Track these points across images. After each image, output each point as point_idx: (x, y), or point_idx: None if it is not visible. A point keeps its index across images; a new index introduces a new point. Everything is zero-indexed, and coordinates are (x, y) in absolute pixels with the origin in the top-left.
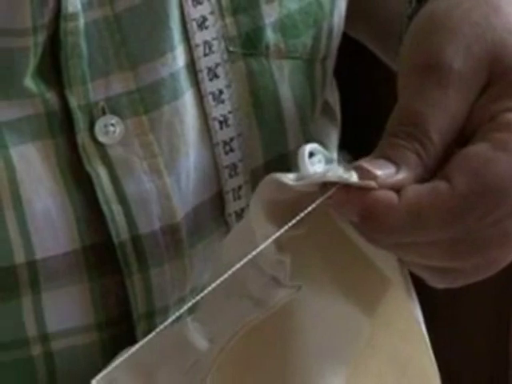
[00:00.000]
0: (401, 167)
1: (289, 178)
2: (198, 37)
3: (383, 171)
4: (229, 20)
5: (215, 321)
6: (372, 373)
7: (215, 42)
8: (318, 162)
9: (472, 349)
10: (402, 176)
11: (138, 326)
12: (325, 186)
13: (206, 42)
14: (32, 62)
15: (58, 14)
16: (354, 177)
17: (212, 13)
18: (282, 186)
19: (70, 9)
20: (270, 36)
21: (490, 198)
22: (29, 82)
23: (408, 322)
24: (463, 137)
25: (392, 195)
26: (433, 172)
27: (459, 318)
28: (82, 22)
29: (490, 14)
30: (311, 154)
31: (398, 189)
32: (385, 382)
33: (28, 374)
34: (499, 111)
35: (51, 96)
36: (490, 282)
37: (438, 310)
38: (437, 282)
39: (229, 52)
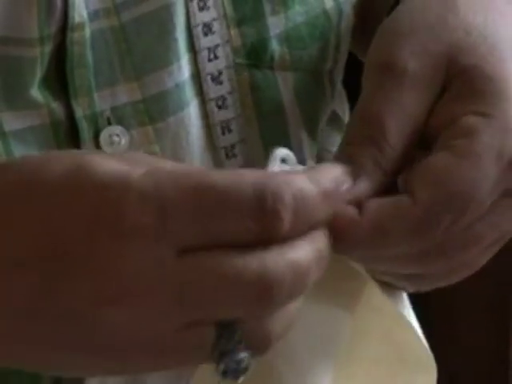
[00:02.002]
0: (358, 177)
1: None
2: (203, 42)
3: (340, 186)
4: (234, 31)
5: None
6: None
7: (220, 49)
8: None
9: (472, 349)
10: (360, 187)
11: None
12: None
13: (210, 48)
14: (39, 72)
15: (64, 24)
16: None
17: (217, 19)
18: None
19: (77, 19)
20: (276, 48)
21: (455, 206)
22: (35, 92)
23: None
24: (425, 139)
25: (353, 211)
26: (393, 174)
27: (459, 318)
28: (88, 31)
29: (446, 15)
30: (283, 160)
31: (359, 201)
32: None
33: (33, 380)
34: (459, 114)
35: (57, 106)
36: (489, 281)
37: (438, 309)
38: (406, 287)
39: (233, 63)
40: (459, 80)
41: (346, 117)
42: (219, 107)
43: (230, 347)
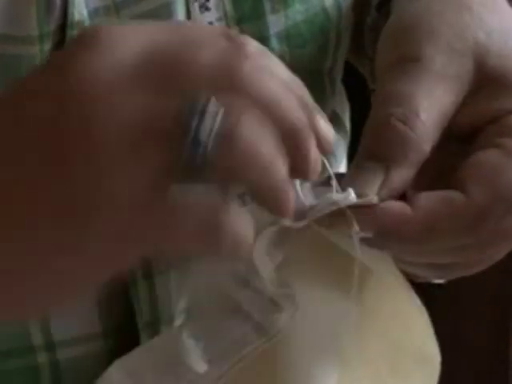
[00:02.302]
0: (390, 167)
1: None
2: None
3: (374, 182)
4: (234, 29)
5: (212, 340)
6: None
7: None
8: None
9: (472, 349)
10: (395, 178)
11: (143, 335)
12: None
13: None
14: None
15: (64, 21)
16: (352, 195)
17: (219, 19)
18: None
19: (77, 16)
20: (275, 46)
21: (507, 205)
22: None
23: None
24: (460, 133)
25: (404, 208)
26: (427, 153)
27: (459, 318)
28: None
29: (464, 15)
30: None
31: (402, 191)
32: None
33: (33, 382)
34: (501, 113)
35: None
36: (490, 281)
37: (438, 310)
38: (433, 277)
39: None
40: (492, 79)
41: (345, 116)
42: None
43: (194, 106)
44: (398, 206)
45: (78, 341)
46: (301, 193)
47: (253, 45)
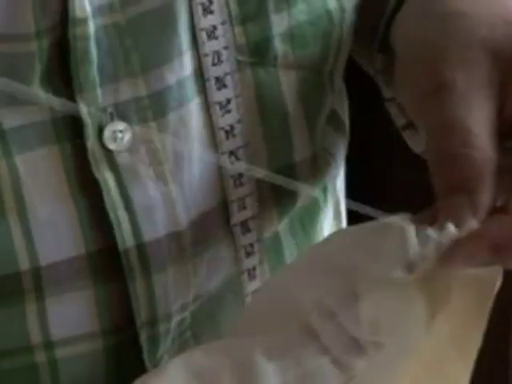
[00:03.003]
0: (473, 193)
1: (403, 273)
2: (208, 46)
3: (465, 214)
4: (237, 29)
5: (286, 364)
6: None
7: (224, 52)
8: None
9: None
10: (482, 201)
11: (142, 333)
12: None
13: (215, 52)
14: (38, 68)
15: (65, 18)
16: (453, 230)
17: (223, 23)
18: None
19: (79, 13)
20: (279, 46)
21: None
22: (36, 88)
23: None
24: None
25: (502, 217)
26: (495, 162)
27: None
28: (91, 27)
29: (462, 21)
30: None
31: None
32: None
33: (32, 382)
34: None
35: (60, 102)
36: None
37: None
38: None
39: (237, 61)
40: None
41: (345, 115)
42: (222, 110)
43: None
44: (495, 217)
45: (77, 340)
46: (413, 243)
47: None
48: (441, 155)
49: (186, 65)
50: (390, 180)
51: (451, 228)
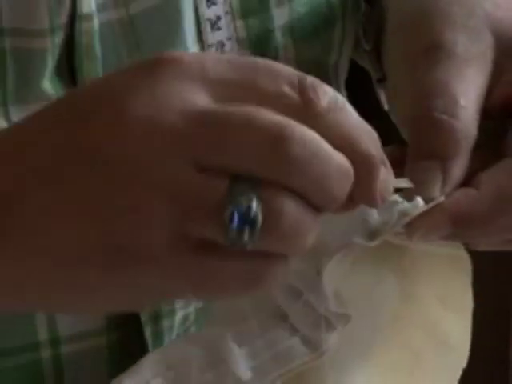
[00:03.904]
0: (447, 162)
1: (364, 240)
2: (212, 37)
3: (436, 182)
4: (239, 22)
5: (256, 347)
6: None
7: (228, 43)
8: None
9: (472, 349)
10: (454, 172)
11: (146, 329)
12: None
13: (218, 42)
14: (50, 63)
15: (73, 14)
16: (421, 203)
17: (226, 13)
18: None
19: (85, 9)
20: (280, 39)
21: None
22: (46, 84)
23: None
24: (493, 109)
25: (469, 191)
26: (475, 136)
27: None
28: (96, 23)
29: None
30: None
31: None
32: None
33: (36, 377)
34: None
35: None
36: (489, 281)
37: None
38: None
39: (239, 54)
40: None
41: None
42: None
43: (241, 194)
44: (461, 192)
45: (82, 336)
46: (373, 211)
47: (324, 99)
48: (422, 117)
49: None
50: None
51: (419, 199)
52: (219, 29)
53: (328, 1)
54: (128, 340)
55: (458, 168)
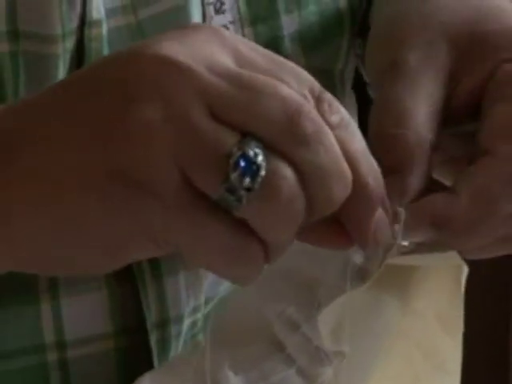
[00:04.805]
0: (403, 173)
1: (356, 283)
2: None
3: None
4: (247, 30)
5: (252, 377)
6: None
7: None
8: None
9: (472, 349)
10: (411, 182)
11: (152, 335)
12: None
13: None
14: (61, 69)
15: (83, 20)
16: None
17: (232, 22)
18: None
19: (95, 15)
20: (288, 47)
21: None
22: None
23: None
24: (466, 112)
25: (446, 194)
26: (428, 143)
27: None
28: (105, 28)
29: (426, 5)
30: None
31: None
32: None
33: (42, 381)
34: (494, 67)
35: None
36: (489, 281)
37: None
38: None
39: None
40: (474, 43)
41: (354, 117)
42: None
43: (249, 148)
44: (439, 195)
45: (89, 340)
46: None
47: (336, 116)
48: (375, 135)
49: None
50: None
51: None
52: None
53: (338, 10)
54: (136, 345)
55: (416, 177)
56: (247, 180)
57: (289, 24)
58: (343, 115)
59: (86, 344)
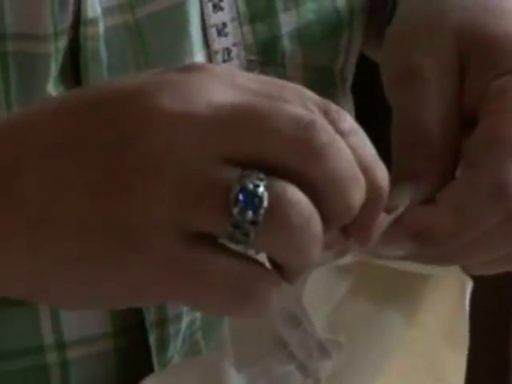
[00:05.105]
0: (418, 180)
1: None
2: (218, 43)
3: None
4: (246, 28)
5: (254, 373)
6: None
7: (234, 49)
8: None
9: (472, 349)
10: (424, 185)
11: (151, 334)
12: None
13: (225, 49)
14: (53, 68)
15: (77, 19)
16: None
17: (231, 20)
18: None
19: (90, 14)
20: (287, 45)
21: None
22: (50, 89)
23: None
24: (466, 120)
25: (427, 206)
26: (442, 149)
27: None
28: (101, 27)
29: (436, 4)
30: None
31: None
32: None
33: (42, 381)
34: (487, 83)
35: None
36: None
37: None
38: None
39: (246, 60)
40: (474, 55)
41: (351, 115)
42: None
43: (249, 179)
44: (420, 207)
45: (88, 341)
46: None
47: (346, 123)
48: (396, 147)
49: None
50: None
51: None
52: (226, 35)
53: (336, 9)
54: (135, 344)
55: (429, 183)
56: (249, 214)
57: (287, 22)
58: (352, 123)
59: (85, 344)
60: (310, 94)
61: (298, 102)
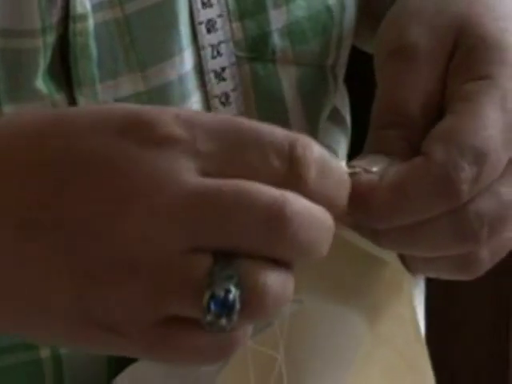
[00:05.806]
0: (394, 159)
1: None
2: (207, 40)
3: (378, 167)
4: (235, 24)
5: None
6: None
7: (223, 45)
8: None
9: (472, 349)
10: (397, 167)
11: None
12: None
13: (213, 45)
14: (42, 63)
15: (67, 14)
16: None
17: (220, 16)
18: None
19: (79, 9)
20: (277, 42)
21: (468, 160)
22: (39, 84)
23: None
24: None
25: (372, 177)
26: (419, 124)
27: (459, 318)
28: (91, 22)
29: None
30: None
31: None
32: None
33: (36, 378)
34: (463, 82)
35: (60, 97)
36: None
37: (438, 310)
38: (458, 274)
39: (235, 56)
40: (462, 50)
41: (346, 112)
42: (223, 104)
43: (222, 277)
44: (365, 176)
45: None
46: None
47: (312, 169)
48: (374, 119)
49: (186, 60)
50: None
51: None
52: (215, 31)
53: (327, 5)
54: None
55: (398, 163)
56: (223, 320)
57: (277, 19)
58: (317, 156)
59: None
60: (270, 137)
61: (260, 161)
